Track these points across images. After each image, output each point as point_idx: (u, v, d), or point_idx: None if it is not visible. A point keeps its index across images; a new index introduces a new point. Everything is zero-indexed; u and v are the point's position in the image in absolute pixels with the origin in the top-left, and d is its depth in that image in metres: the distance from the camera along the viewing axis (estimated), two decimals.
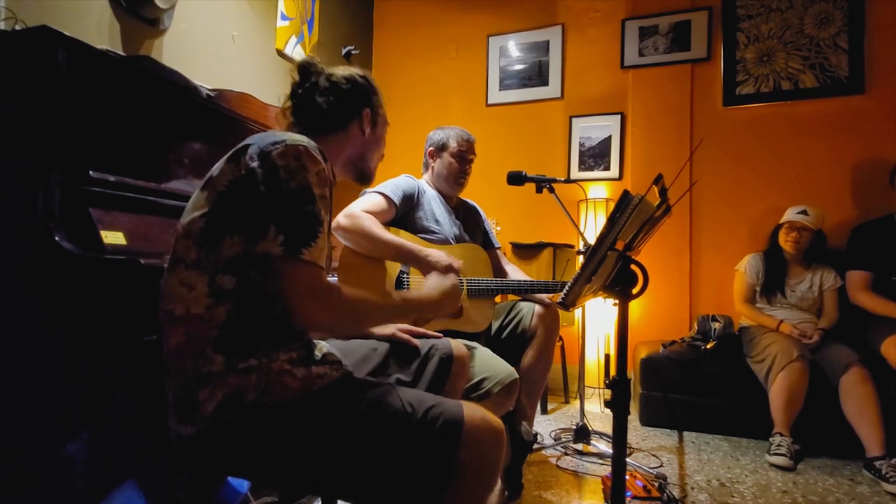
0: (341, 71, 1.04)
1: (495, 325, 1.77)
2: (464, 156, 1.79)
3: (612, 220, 0.87)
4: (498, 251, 1.94)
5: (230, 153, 0.84)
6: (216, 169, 0.84)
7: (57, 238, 1.07)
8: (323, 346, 0.95)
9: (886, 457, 1.83)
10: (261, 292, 0.80)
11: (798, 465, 1.96)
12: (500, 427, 0.84)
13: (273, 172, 0.78)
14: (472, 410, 0.82)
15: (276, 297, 0.80)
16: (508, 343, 1.73)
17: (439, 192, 1.80)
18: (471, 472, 0.78)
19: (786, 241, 2.33)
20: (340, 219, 1.52)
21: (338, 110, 1.01)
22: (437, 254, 1.46)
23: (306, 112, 1.01)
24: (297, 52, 2.75)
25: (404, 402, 0.81)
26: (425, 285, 1.05)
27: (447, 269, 1.40)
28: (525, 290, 1.71)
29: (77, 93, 1.16)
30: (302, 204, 0.79)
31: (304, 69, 1.03)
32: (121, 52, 1.71)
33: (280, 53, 2.64)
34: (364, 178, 1.11)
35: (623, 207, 0.86)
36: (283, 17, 2.65)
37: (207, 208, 0.81)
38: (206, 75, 2.05)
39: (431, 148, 1.83)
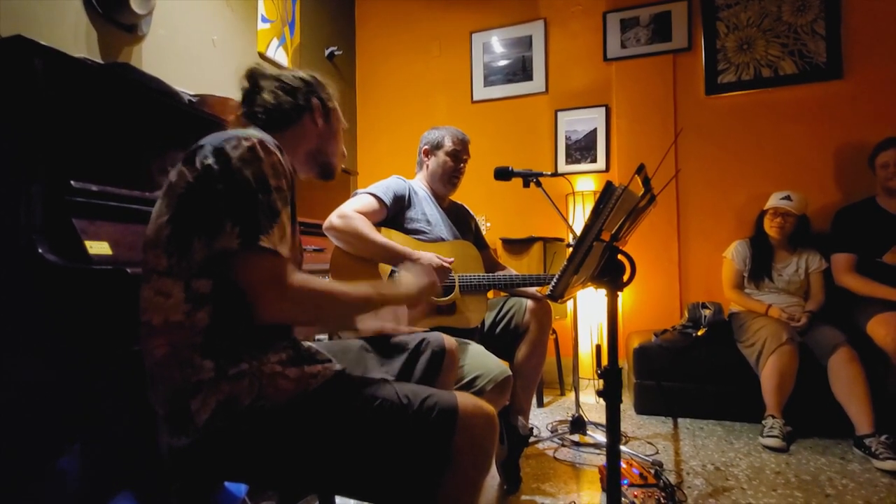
0: (289, 72, 1.05)
1: (488, 322, 1.77)
2: (458, 155, 1.79)
3: (596, 212, 0.88)
4: (490, 251, 1.95)
5: (185, 156, 0.83)
6: (173, 174, 0.83)
7: (40, 250, 1.05)
8: (311, 346, 0.95)
9: (876, 434, 1.87)
10: (239, 292, 0.79)
11: (790, 446, 1.99)
12: (492, 412, 0.86)
13: (227, 165, 0.78)
14: (464, 398, 0.85)
15: None
16: (502, 339, 1.74)
17: (432, 191, 1.81)
18: (466, 457, 0.81)
19: (770, 227, 2.36)
20: (333, 219, 1.52)
21: (288, 103, 1.00)
22: (427, 255, 1.47)
23: (258, 112, 1.00)
24: (280, 55, 2.73)
25: (400, 394, 0.83)
26: (402, 281, 1.03)
27: (438, 270, 1.41)
28: (516, 285, 1.71)
29: (55, 102, 1.15)
30: (257, 193, 0.78)
31: (252, 76, 1.03)
32: (99, 60, 1.69)
33: (262, 56, 2.62)
34: (326, 172, 1.10)
35: (607, 198, 0.87)
36: (264, 20, 2.63)
37: (170, 214, 0.80)
38: (188, 81, 2.03)
39: (427, 146, 1.82)
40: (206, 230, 0.78)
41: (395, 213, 1.66)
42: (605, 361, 1.02)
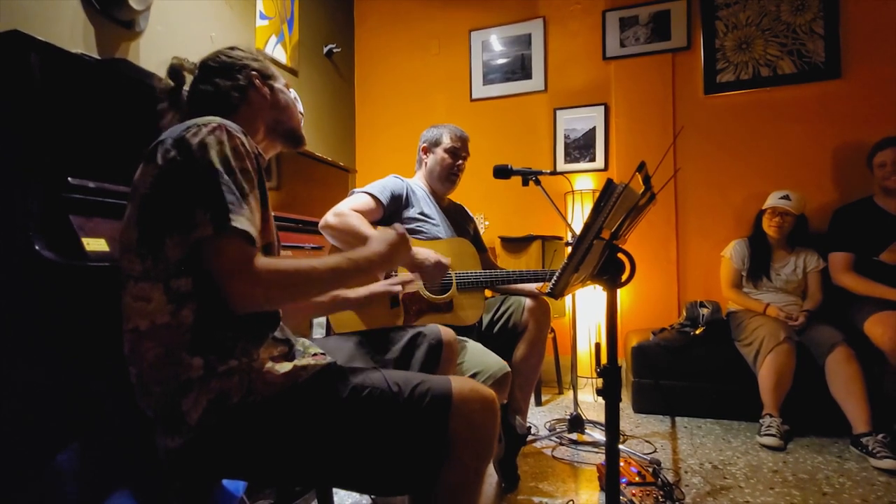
0: (207, 56, 1.02)
1: (486, 320, 1.77)
2: (457, 152, 1.79)
3: (596, 209, 0.88)
4: (488, 253, 1.95)
5: (146, 154, 0.81)
6: (137, 175, 0.81)
7: (37, 247, 1.04)
8: (305, 342, 0.94)
9: (873, 433, 1.87)
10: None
11: (788, 445, 2.00)
12: (490, 396, 0.83)
13: (189, 153, 0.76)
14: (460, 383, 0.82)
15: None
16: (500, 338, 1.74)
17: (431, 190, 1.80)
18: (465, 444, 0.78)
19: (769, 226, 2.36)
20: (329, 217, 1.52)
21: (228, 86, 0.97)
22: (424, 252, 1.46)
23: (199, 105, 0.96)
24: (278, 52, 2.72)
25: (390, 382, 0.81)
26: (370, 242, 0.97)
27: (437, 266, 1.40)
28: (513, 280, 1.71)
29: (52, 98, 1.14)
30: (220, 174, 0.76)
31: (175, 72, 0.99)
32: (96, 56, 1.68)
33: (260, 53, 2.61)
34: (292, 138, 1.06)
35: (607, 196, 0.86)
36: (262, 17, 2.62)
37: (137, 215, 0.78)
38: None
39: (425, 144, 1.83)
40: (178, 226, 0.75)
41: (392, 212, 1.65)
42: (604, 360, 1.02)
